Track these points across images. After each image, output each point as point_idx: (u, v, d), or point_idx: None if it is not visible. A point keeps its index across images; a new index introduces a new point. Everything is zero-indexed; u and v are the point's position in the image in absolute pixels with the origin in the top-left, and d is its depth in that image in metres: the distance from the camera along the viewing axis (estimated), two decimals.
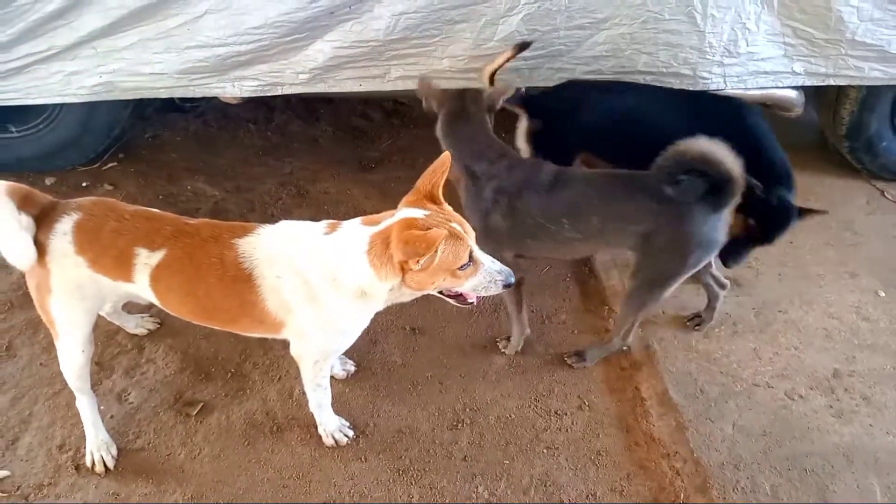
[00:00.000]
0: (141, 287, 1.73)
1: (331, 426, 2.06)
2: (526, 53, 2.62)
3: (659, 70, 2.70)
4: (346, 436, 2.07)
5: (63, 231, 1.70)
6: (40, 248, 1.68)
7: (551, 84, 2.68)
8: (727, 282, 2.44)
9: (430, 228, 1.55)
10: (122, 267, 1.71)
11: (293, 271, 1.68)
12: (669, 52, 2.67)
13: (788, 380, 2.29)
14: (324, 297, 1.70)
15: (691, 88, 2.77)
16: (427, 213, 1.64)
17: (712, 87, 2.78)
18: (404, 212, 1.65)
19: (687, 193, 1.89)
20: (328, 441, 2.06)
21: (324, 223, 1.75)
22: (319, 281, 1.68)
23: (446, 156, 1.71)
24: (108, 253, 1.71)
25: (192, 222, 1.77)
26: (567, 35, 2.59)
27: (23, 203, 1.66)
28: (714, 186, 1.87)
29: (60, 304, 1.75)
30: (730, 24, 2.63)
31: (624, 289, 2.55)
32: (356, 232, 1.66)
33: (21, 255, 1.65)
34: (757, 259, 2.78)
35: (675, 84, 2.75)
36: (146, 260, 1.69)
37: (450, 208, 1.71)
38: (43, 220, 1.69)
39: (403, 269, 1.62)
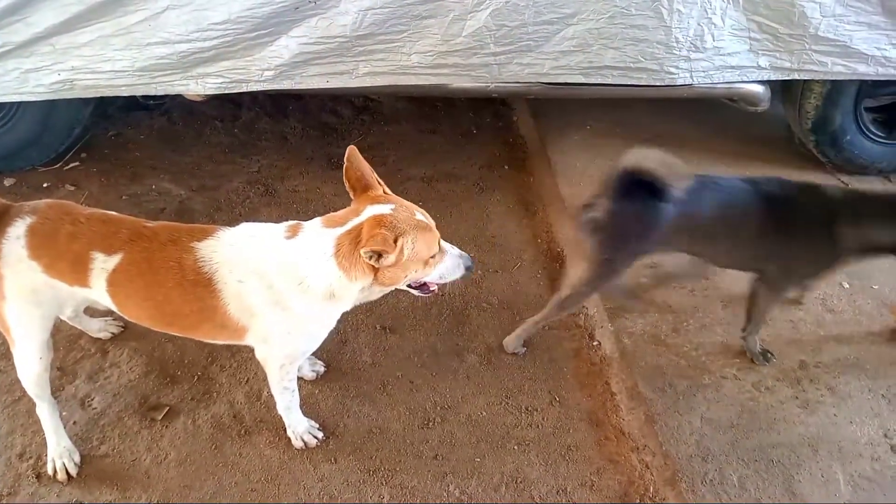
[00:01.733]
0: (98, 293, 1.69)
1: (300, 428, 2.04)
2: (495, 49, 2.62)
3: (626, 65, 2.71)
4: (315, 437, 2.05)
5: (16, 235, 1.65)
6: None
7: (521, 80, 2.68)
8: None
9: (397, 223, 1.58)
10: (78, 272, 1.66)
11: (256, 276, 1.65)
12: (636, 48, 2.68)
13: (756, 372, 2.32)
14: (290, 301, 1.67)
15: (658, 83, 2.79)
16: (392, 206, 1.63)
17: (679, 81, 2.80)
18: (370, 209, 1.63)
19: None
20: (297, 443, 2.04)
21: (284, 225, 1.72)
22: (285, 285, 1.65)
23: (351, 149, 1.79)
24: (64, 257, 1.66)
25: (150, 225, 1.72)
26: (535, 30, 2.58)
27: None
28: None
29: (15, 310, 1.70)
30: (696, 20, 2.65)
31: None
32: (320, 235, 1.64)
33: None
34: None
35: (643, 79, 2.76)
36: (102, 265, 1.65)
37: (400, 199, 1.72)
38: None
39: (375, 268, 1.60)
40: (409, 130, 3.56)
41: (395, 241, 1.57)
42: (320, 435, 2.06)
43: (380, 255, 1.57)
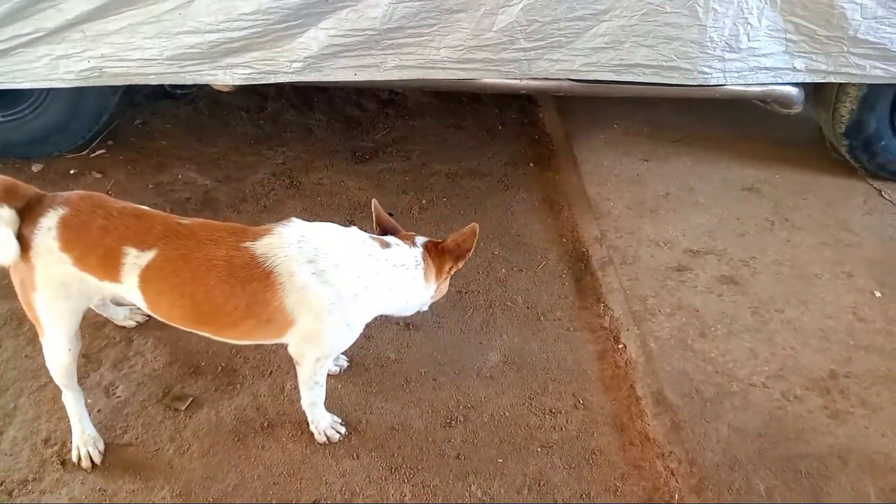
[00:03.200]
0: (129, 288, 1.67)
1: (323, 423, 2.03)
2: (525, 44, 2.59)
3: (658, 63, 2.67)
4: (338, 433, 2.04)
5: (48, 226, 1.63)
6: (24, 242, 1.62)
7: (551, 76, 2.65)
8: None
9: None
10: (108, 266, 1.64)
11: (337, 275, 1.72)
12: (669, 46, 2.64)
13: (784, 380, 2.28)
14: (361, 299, 1.77)
15: (690, 83, 2.74)
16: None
17: (712, 81, 2.76)
18: (420, 238, 1.98)
19: None
20: (320, 438, 2.03)
21: (369, 236, 1.88)
22: (370, 288, 1.78)
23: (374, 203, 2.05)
24: (95, 251, 1.64)
25: (184, 222, 1.71)
26: (567, 26, 2.54)
27: (6, 195, 1.59)
28: None
29: (45, 301, 1.69)
30: (732, 19, 2.60)
31: (620, 286, 2.54)
32: (409, 248, 1.90)
33: (4, 251, 1.59)
34: (754, 258, 2.77)
35: (675, 78, 2.72)
36: (135, 260, 1.63)
37: None
38: (28, 213, 1.63)
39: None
40: (434, 125, 3.53)
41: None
42: (343, 430, 2.05)
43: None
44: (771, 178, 3.24)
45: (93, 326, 2.29)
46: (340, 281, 1.71)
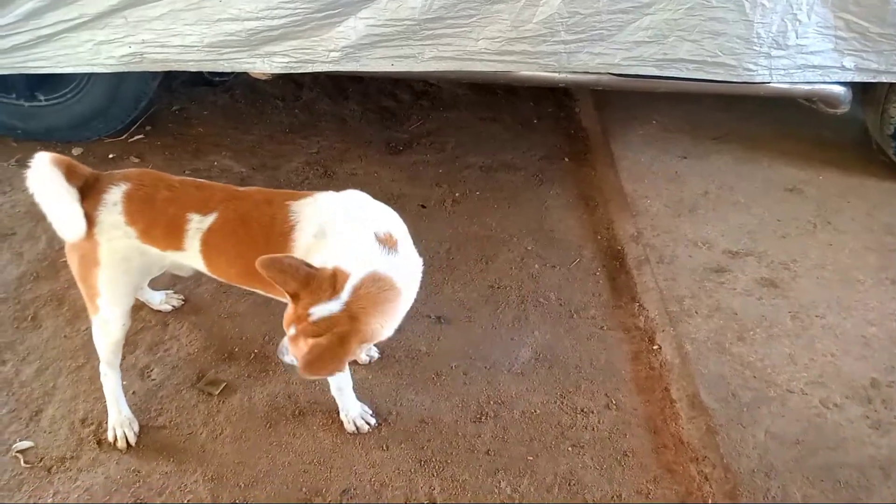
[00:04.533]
0: (191, 254, 1.71)
1: (353, 412, 2.03)
2: (565, 37, 2.55)
3: (703, 59, 2.61)
4: (367, 423, 2.04)
5: (112, 202, 1.68)
6: (88, 219, 1.66)
7: (591, 70, 2.61)
8: None
9: None
10: (172, 235, 1.69)
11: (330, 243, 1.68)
12: (715, 41, 2.57)
13: (824, 387, 2.22)
14: None
15: (735, 80, 2.67)
16: None
17: (757, 79, 2.69)
18: None
19: None
20: (349, 427, 2.03)
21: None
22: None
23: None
24: (160, 222, 1.69)
25: (242, 189, 1.77)
26: (610, 19, 2.49)
27: (68, 175, 1.63)
28: None
29: (107, 277, 1.72)
30: (780, 15, 2.52)
31: (656, 286, 2.50)
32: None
33: (73, 226, 1.63)
34: (794, 261, 2.70)
35: (719, 74, 2.65)
36: (198, 225, 1.67)
37: None
38: (87, 192, 1.67)
39: None
40: (468, 118, 3.51)
41: None
42: (373, 421, 2.05)
43: None
44: (814, 179, 3.15)
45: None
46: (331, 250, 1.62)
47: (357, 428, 2.03)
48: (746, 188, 3.03)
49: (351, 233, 1.62)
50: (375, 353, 2.26)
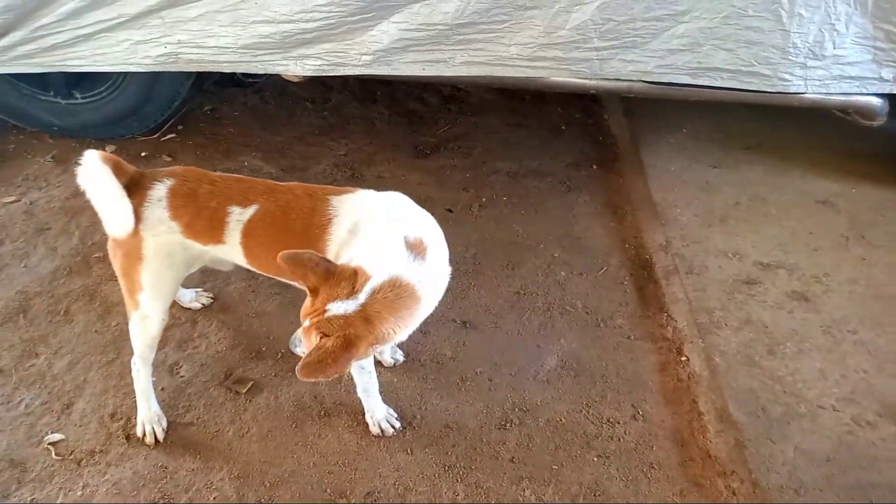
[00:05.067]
0: (231, 247, 1.73)
1: (378, 414, 2.04)
2: (598, 43, 2.54)
3: (737, 68, 2.58)
4: (392, 426, 2.05)
5: (157, 198, 1.71)
6: (135, 216, 1.69)
7: (623, 77, 2.59)
8: None
9: None
10: (214, 228, 1.71)
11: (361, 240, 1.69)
12: (750, 51, 2.54)
13: (856, 404, 2.18)
14: None
15: (769, 90, 2.64)
16: None
17: (792, 89, 2.65)
18: None
19: None
20: (374, 429, 2.04)
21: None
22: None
23: None
24: (202, 215, 1.71)
25: (283, 183, 1.79)
26: (644, 26, 2.48)
27: (115, 172, 1.66)
28: None
29: (151, 272, 1.75)
30: (817, 25, 2.48)
31: (685, 296, 2.47)
32: None
33: (123, 221, 1.66)
34: (827, 274, 2.66)
35: (753, 84, 2.62)
36: (238, 217, 1.70)
37: None
38: (132, 189, 1.70)
39: None
40: (496, 123, 3.50)
41: None
42: (398, 424, 2.06)
43: None
44: (847, 192, 3.09)
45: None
46: (359, 247, 1.63)
47: (382, 430, 2.04)
48: (778, 200, 2.99)
49: (381, 234, 1.61)
50: (400, 357, 2.27)
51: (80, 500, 1.87)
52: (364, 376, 1.97)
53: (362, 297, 1.47)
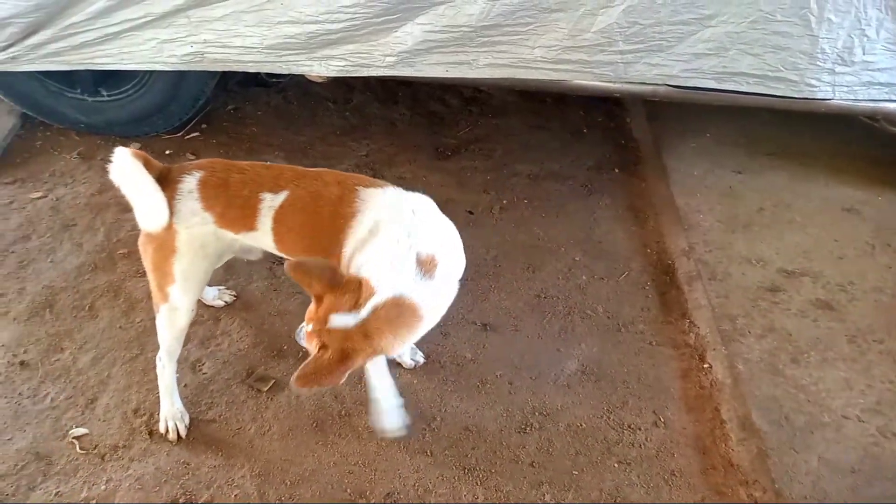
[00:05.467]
0: (262, 233, 1.74)
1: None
2: (623, 47, 2.52)
3: (764, 73, 2.55)
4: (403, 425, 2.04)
5: (188, 190, 1.72)
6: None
7: (647, 80, 2.57)
8: None
9: None
10: (246, 216, 1.72)
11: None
12: (777, 56, 2.51)
13: (882, 415, 2.15)
14: None
15: (796, 95, 2.61)
16: None
17: (819, 95, 2.61)
18: None
19: None
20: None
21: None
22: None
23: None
24: (234, 204, 1.72)
25: (313, 169, 1.80)
26: (670, 30, 2.45)
27: (146, 167, 1.68)
28: None
29: (184, 264, 1.77)
30: (847, 31, 2.45)
31: (708, 303, 2.45)
32: None
33: (158, 215, 1.68)
34: (851, 283, 2.62)
35: (780, 90, 2.59)
36: (270, 203, 1.71)
37: None
38: (162, 183, 1.71)
39: None
40: (517, 125, 3.49)
41: None
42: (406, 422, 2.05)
43: None
44: (873, 199, 3.05)
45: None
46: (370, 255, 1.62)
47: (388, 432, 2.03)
48: (803, 206, 2.96)
49: (395, 247, 1.58)
50: (421, 359, 2.27)
51: (103, 494, 1.89)
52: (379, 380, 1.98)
53: (364, 312, 1.47)
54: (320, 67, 2.66)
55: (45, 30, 2.59)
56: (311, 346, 1.52)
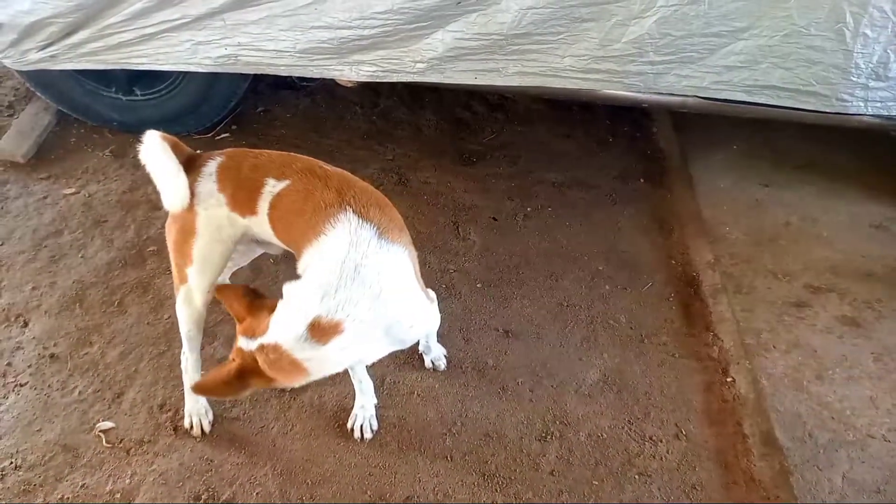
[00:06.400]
0: (261, 217, 1.75)
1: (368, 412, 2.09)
2: (654, 57, 2.52)
3: (796, 87, 2.53)
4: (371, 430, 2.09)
5: (209, 172, 1.77)
6: (190, 191, 1.75)
7: (676, 91, 2.57)
8: None
9: None
10: (252, 199, 1.74)
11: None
12: (809, 70, 2.49)
13: None
14: None
15: (827, 110, 2.59)
16: None
17: (851, 110, 2.59)
18: None
19: None
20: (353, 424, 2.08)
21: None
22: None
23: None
24: (244, 186, 1.75)
25: (327, 167, 1.80)
26: (702, 42, 2.45)
27: (174, 149, 1.73)
28: None
29: (202, 245, 1.80)
30: (883, 45, 2.42)
31: (733, 316, 2.43)
32: None
33: (179, 195, 1.72)
34: (879, 300, 2.59)
35: (811, 104, 2.57)
36: (272, 189, 1.73)
37: None
38: (189, 167, 1.76)
39: None
40: (542, 133, 3.50)
41: None
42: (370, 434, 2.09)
43: None
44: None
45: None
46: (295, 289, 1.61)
47: (361, 432, 2.07)
48: (830, 222, 2.93)
49: (300, 298, 1.53)
50: (442, 365, 2.28)
51: (127, 488, 1.93)
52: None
53: (254, 345, 1.53)
54: (351, 72, 2.68)
55: (83, 30, 2.65)
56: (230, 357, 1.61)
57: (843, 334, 2.44)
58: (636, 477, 2.00)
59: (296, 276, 1.64)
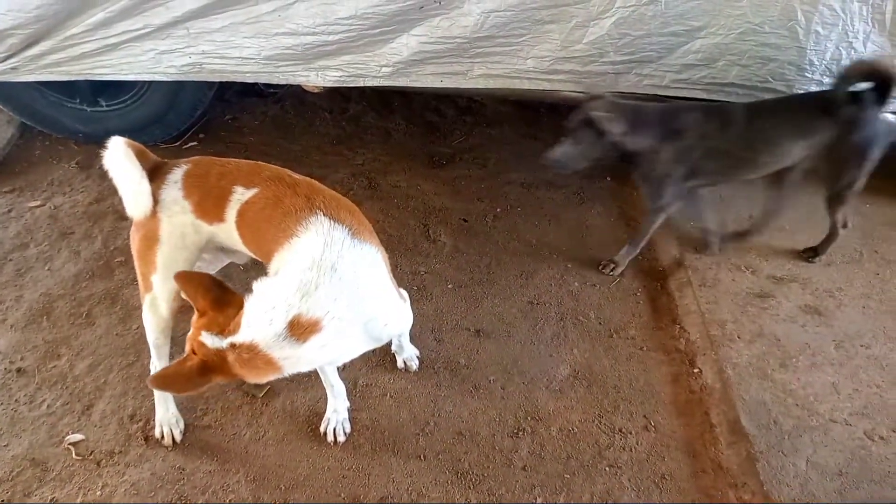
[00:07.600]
0: (228, 225, 1.75)
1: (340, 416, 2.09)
2: (614, 58, 2.57)
3: (753, 84, 2.60)
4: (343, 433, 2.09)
5: (174, 180, 1.77)
6: (154, 198, 1.75)
7: (638, 90, 2.62)
8: (850, 224, 2.71)
9: None
10: (219, 207, 1.74)
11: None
12: (765, 67, 2.57)
13: (869, 419, 2.18)
14: None
15: None
16: None
17: None
18: None
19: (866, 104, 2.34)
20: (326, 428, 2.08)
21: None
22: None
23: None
24: (211, 194, 1.75)
25: (295, 175, 1.80)
26: (660, 41, 2.51)
27: (139, 157, 1.73)
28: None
29: (165, 252, 1.79)
30: (835, 43, 2.50)
31: (698, 309, 2.48)
32: None
33: (142, 202, 1.72)
34: (840, 289, 2.66)
35: None
36: (239, 196, 1.73)
37: None
38: (154, 174, 1.76)
39: None
40: (510, 134, 3.54)
41: None
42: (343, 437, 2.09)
43: None
44: (860, 207, 3.09)
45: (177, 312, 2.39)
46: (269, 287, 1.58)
47: (334, 435, 2.07)
48: (791, 214, 3.00)
49: (279, 296, 1.50)
50: (415, 365, 2.29)
51: (99, 500, 1.91)
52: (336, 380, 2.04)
53: (224, 343, 1.48)
54: (317, 78, 2.70)
55: (45, 41, 2.63)
56: (186, 349, 1.55)
57: (805, 323, 2.51)
58: (607, 469, 2.03)
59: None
